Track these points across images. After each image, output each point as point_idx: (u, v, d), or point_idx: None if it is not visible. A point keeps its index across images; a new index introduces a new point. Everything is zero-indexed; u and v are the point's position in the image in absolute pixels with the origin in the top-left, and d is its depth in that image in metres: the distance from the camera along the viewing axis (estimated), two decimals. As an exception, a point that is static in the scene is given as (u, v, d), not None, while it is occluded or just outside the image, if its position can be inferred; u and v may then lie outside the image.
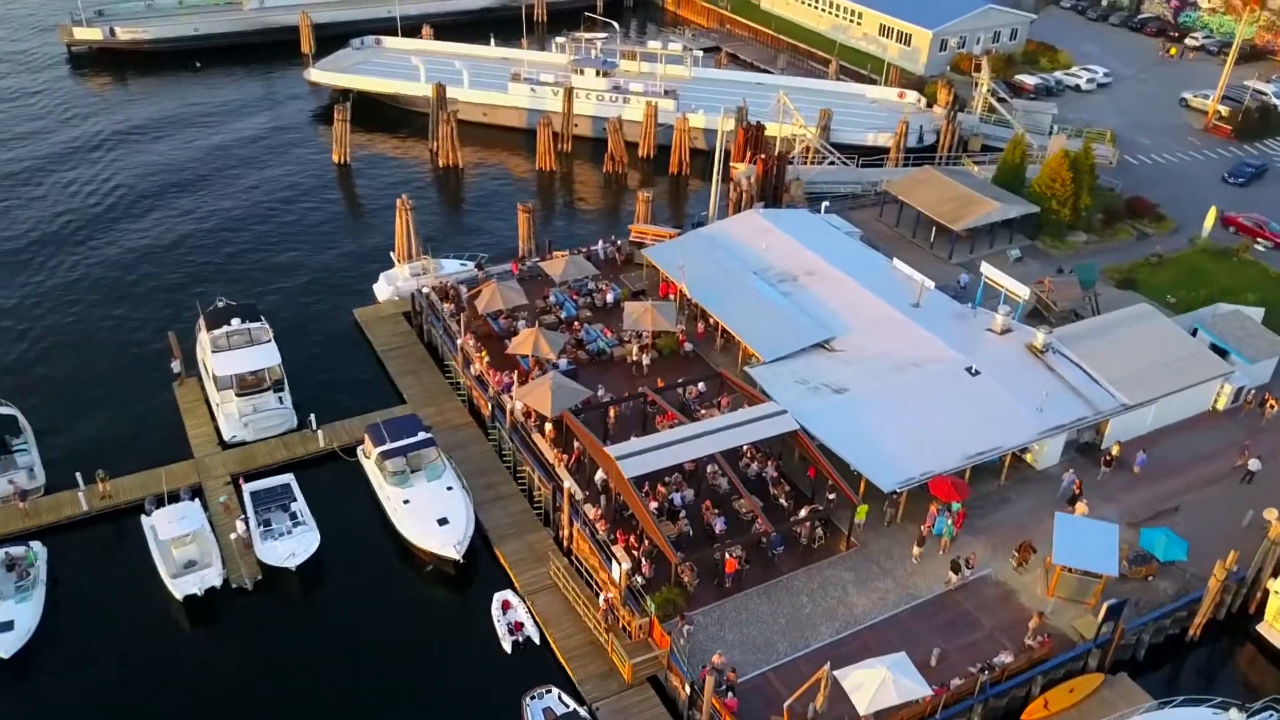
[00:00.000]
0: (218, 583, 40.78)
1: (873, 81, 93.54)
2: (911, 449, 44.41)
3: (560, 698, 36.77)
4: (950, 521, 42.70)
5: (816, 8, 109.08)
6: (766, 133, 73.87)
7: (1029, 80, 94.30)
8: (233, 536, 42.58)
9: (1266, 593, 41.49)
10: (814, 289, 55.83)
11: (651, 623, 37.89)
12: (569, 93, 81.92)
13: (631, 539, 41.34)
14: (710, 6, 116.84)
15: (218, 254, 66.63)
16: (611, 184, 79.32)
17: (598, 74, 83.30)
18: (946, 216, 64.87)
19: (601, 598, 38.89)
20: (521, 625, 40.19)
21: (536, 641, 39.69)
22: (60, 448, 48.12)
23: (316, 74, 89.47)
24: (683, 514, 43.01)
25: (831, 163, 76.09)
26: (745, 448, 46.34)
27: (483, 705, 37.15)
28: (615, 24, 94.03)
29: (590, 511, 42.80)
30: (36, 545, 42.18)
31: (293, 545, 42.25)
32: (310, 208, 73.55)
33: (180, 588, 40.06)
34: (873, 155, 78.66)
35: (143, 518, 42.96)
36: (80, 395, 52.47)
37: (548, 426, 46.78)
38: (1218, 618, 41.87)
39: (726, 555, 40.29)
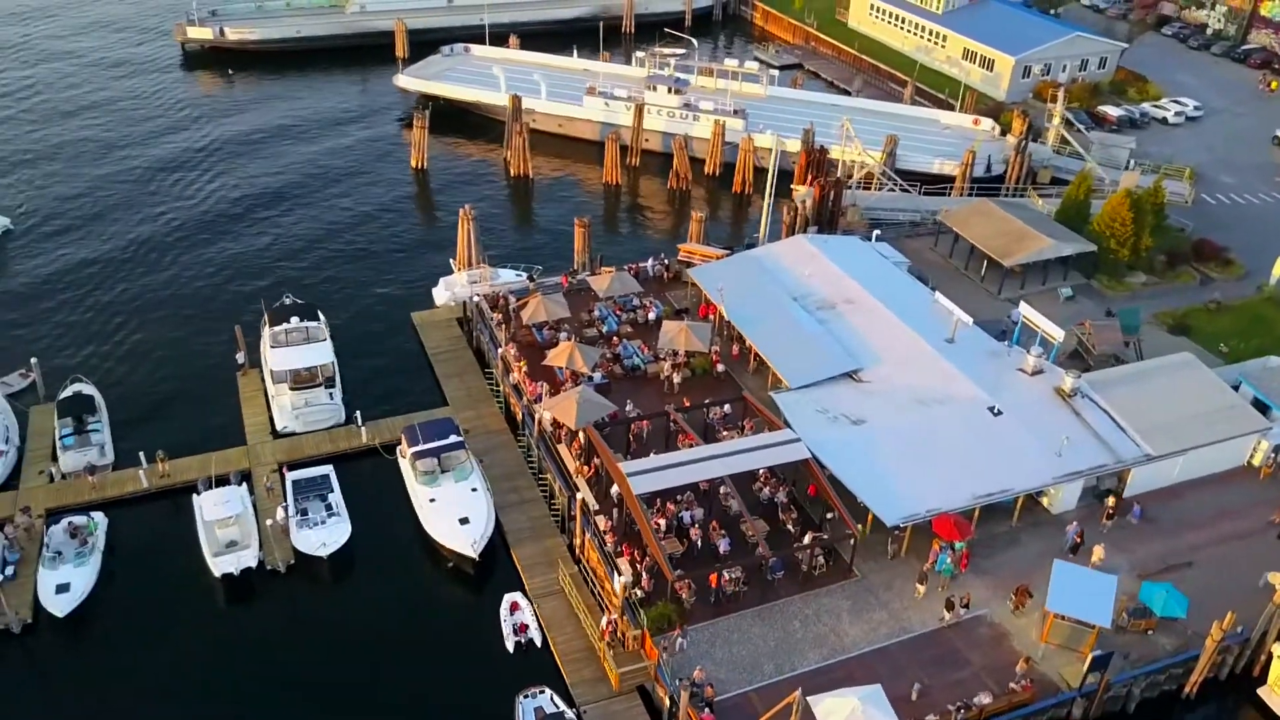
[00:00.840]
0: (253, 564, 44.17)
1: (949, 107, 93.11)
2: (920, 485, 45.18)
3: (552, 699, 38.93)
4: (951, 561, 43.35)
5: (901, 28, 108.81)
6: (831, 156, 74.54)
7: (1112, 111, 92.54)
8: (269, 523, 45.88)
9: (1270, 656, 41.04)
10: (851, 318, 56.72)
11: (643, 635, 39.69)
12: (639, 109, 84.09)
13: (635, 553, 43.18)
14: (796, 24, 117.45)
15: (292, 252, 70.78)
16: (674, 201, 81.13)
17: (669, 91, 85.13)
18: (998, 251, 64.81)
19: (605, 619, 40.55)
20: (526, 627, 42.47)
21: (539, 644, 41.91)
22: (131, 427, 52.48)
23: (404, 80, 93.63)
24: (694, 530, 44.70)
25: (892, 189, 76.42)
26: (761, 471, 47.71)
27: (479, 699, 39.53)
28: (694, 41, 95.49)
29: (601, 522, 44.87)
30: (98, 516, 46.30)
31: (325, 535, 45.42)
32: (385, 210, 77.33)
33: (219, 566, 43.57)
34: (938, 183, 78.60)
35: (194, 497, 46.68)
36: (155, 380, 56.91)
37: (581, 436, 48.85)
38: (1219, 678, 41.64)
39: (721, 573, 41.77)
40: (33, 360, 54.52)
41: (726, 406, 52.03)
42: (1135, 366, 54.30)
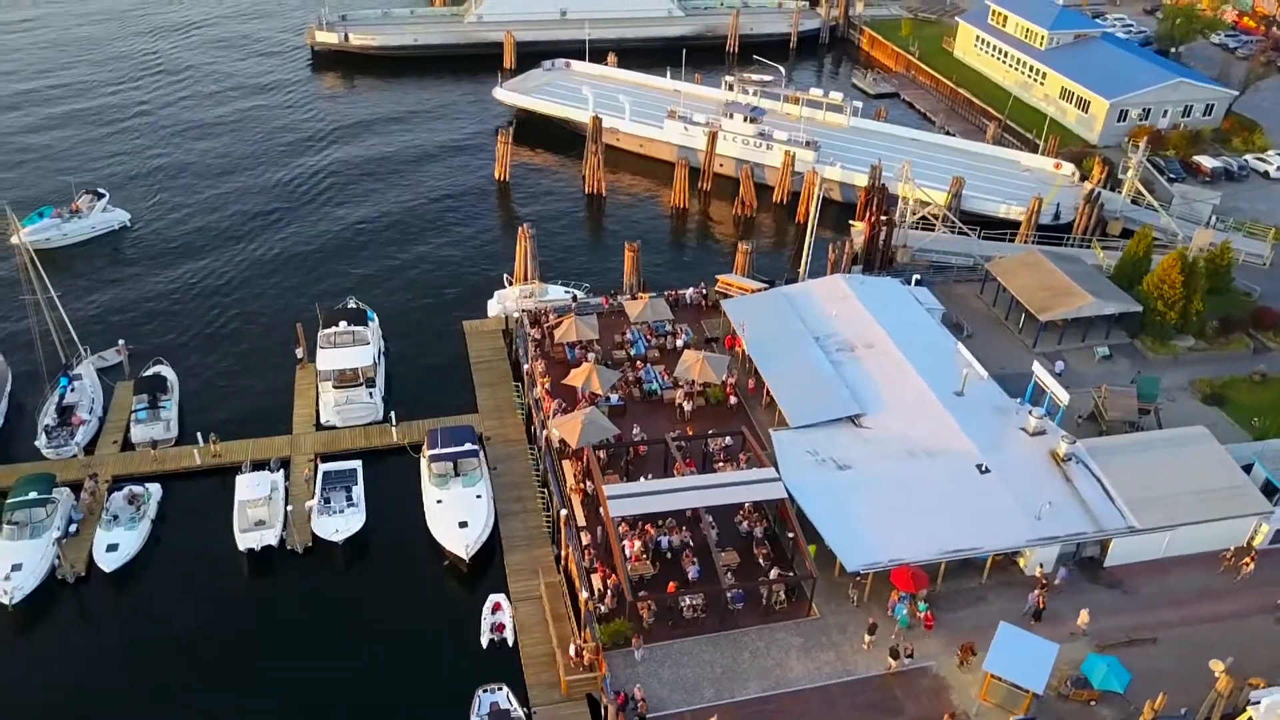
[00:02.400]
0: (274, 543, 49.67)
1: (1034, 148, 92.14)
2: (889, 534, 46.94)
3: (508, 696, 42.77)
4: (907, 611, 45.02)
5: (1004, 62, 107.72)
6: (897, 194, 75.44)
7: (1207, 162, 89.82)
8: (289, 509, 51.17)
9: (1211, 742, 41.32)
10: (866, 363, 58.42)
11: (596, 648, 43.05)
12: (713, 135, 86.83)
13: (607, 570, 46.55)
14: (900, 51, 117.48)
15: (370, 254, 76.80)
16: (738, 227, 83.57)
17: (745, 119, 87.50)
18: (1036, 304, 65.00)
19: (573, 647, 43.73)
20: (503, 627, 46.45)
21: (510, 644, 45.81)
22: (198, 408, 59.14)
23: (501, 93, 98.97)
24: (669, 555, 47.79)
25: (949, 232, 76.84)
26: (747, 505, 50.26)
27: (446, 685, 43.53)
28: (781, 69, 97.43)
29: (585, 538, 48.41)
30: (154, 487, 52.72)
31: (341, 523, 50.55)
32: (462, 219, 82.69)
33: (243, 541, 49.24)
34: (1003, 228, 78.37)
35: (237, 477, 52.48)
36: (227, 366, 63.55)
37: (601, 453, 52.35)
38: (1158, 758, 42.05)
39: (681, 596, 44.69)
40: (120, 341, 61.84)
41: (728, 439, 54.62)
42: (1145, 436, 54.21)
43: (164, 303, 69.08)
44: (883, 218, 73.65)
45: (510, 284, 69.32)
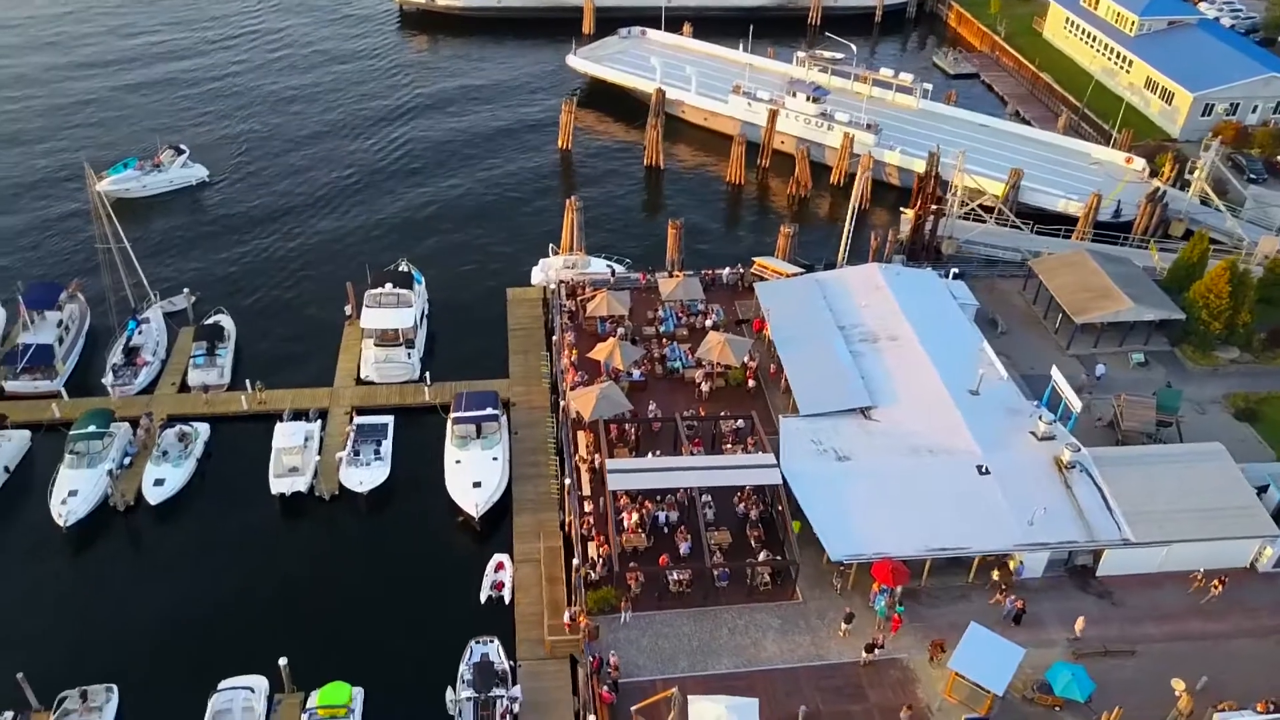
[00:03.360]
0: (304, 489, 53.53)
1: (1106, 140, 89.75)
2: (876, 527, 48.16)
3: (498, 649, 45.81)
4: (886, 604, 46.40)
5: (1092, 47, 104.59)
6: (951, 183, 74.93)
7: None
8: (318, 458, 54.90)
9: (1170, 759, 41.85)
10: (886, 355, 59.10)
11: (581, 612, 45.69)
12: (773, 113, 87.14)
13: (603, 539, 49.04)
14: (986, 30, 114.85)
15: (427, 216, 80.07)
16: (791, 207, 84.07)
17: (808, 99, 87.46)
18: (1073, 305, 64.39)
19: (567, 614, 46.26)
20: (502, 585, 49.47)
21: (507, 602, 48.81)
22: (252, 356, 63.51)
23: (573, 60, 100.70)
24: (665, 530, 50.03)
25: (1001, 224, 76.03)
26: (747, 488, 51.99)
27: (443, 634, 46.63)
28: (853, 47, 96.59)
29: (588, 507, 50.96)
30: (203, 427, 57.19)
31: (366, 474, 54.14)
32: (521, 187, 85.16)
33: (275, 485, 53.26)
34: (1061, 224, 77.03)
35: (276, 425, 56.50)
36: (284, 318, 67.78)
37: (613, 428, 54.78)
38: (1115, 770, 42.80)
39: (670, 570, 46.87)
40: (185, 289, 66.51)
41: (739, 422, 56.24)
42: (1158, 449, 53.89)
43: (231, 256, 73.57)
44: (933, 207, 73.51)
45: (555, 254, 71.61)
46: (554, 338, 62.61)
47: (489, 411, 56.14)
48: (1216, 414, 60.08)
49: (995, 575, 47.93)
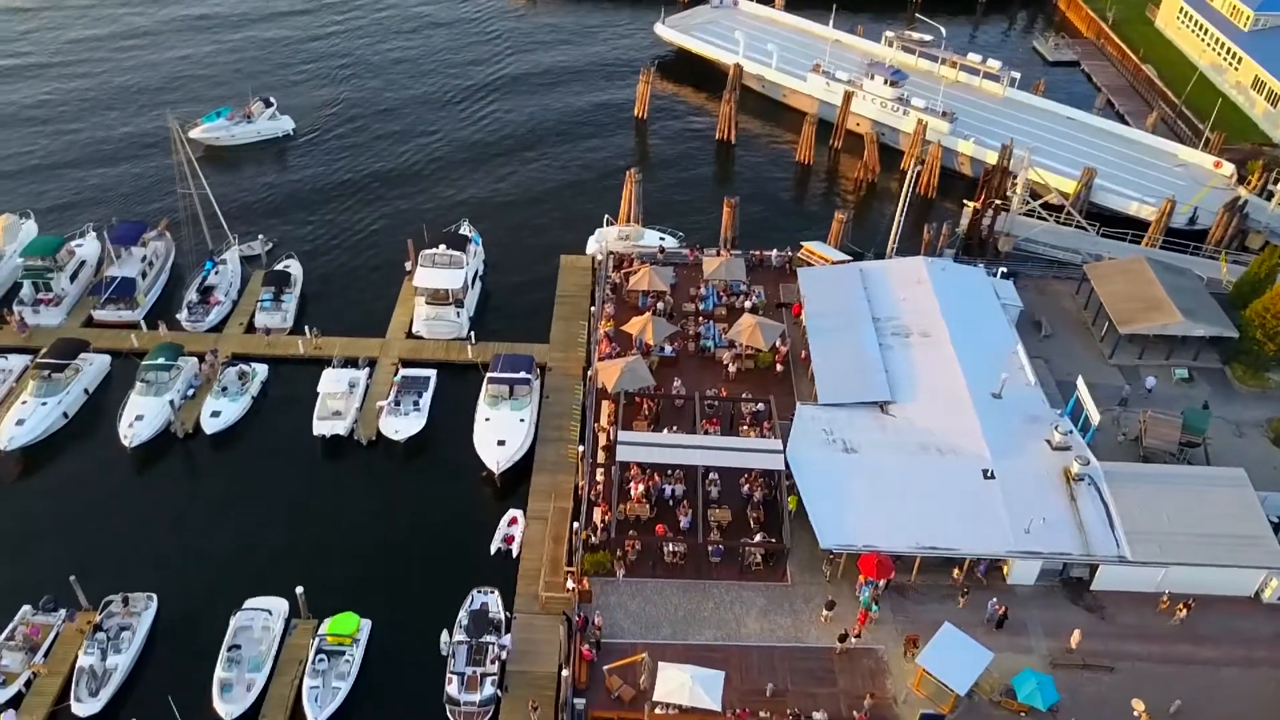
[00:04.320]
0: (343, 433, 57.55)
1: (1199, 140, 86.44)
2: (871, 521, 49.39)
3: (497, 600, 49.00)
4: (869, 596, 47.80)
5: (1203, 40, 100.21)
6: (1017, 179, 73.96)
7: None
8: (359, 406, 58.79)
9: (1127, 777, 42.42)
10: (915, 351, 59.56)
11: (577, 573, 48.48)
12: (848, 95, 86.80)
13: (607, 506, 51.60)
14: (1093, 16, 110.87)
15: (500, 178, 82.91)
16: (857, 191, 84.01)
17: (885, 82, 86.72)
18: (1119, 314, 63.40)
19: (571, 582, 48.88)
20: (512, 539, 52.62)
21: (514, 555, 51.95)
22: (316, 303, 67.83)
23: (661, 28, 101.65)
24: (670, 504, 52.31)
25: (1067, 224, 74.61)
26: (755, 470, 53.68)
27: (448, 579, 49.85)
28: (942, 30, 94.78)
29: (600, 475, 53.54)
30: (261, 368, 61.75)
31: (402, 424, 57.81)
32: (594, 154, 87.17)
33: (317, 427, 57.43)
34: (1131, 228, 75.14)
35: (324, 371, 60.60)
36: (350, 270, 71.90)
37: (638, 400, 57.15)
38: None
39: (666, 541, 49.14)
40: (260, 236, 71.18)
41: (759, 405, 57.78)
42: (1176, 469, 53.29)
43: (308, 207, 77.97)
44: (996, 201, 72.81)
45: (610, 224, 73.69)
46: (592, 308, 64.93)
47: (521, 375, 58.99)
48: (1255, 438, 58.78)
49: (955, 574, 48.71)
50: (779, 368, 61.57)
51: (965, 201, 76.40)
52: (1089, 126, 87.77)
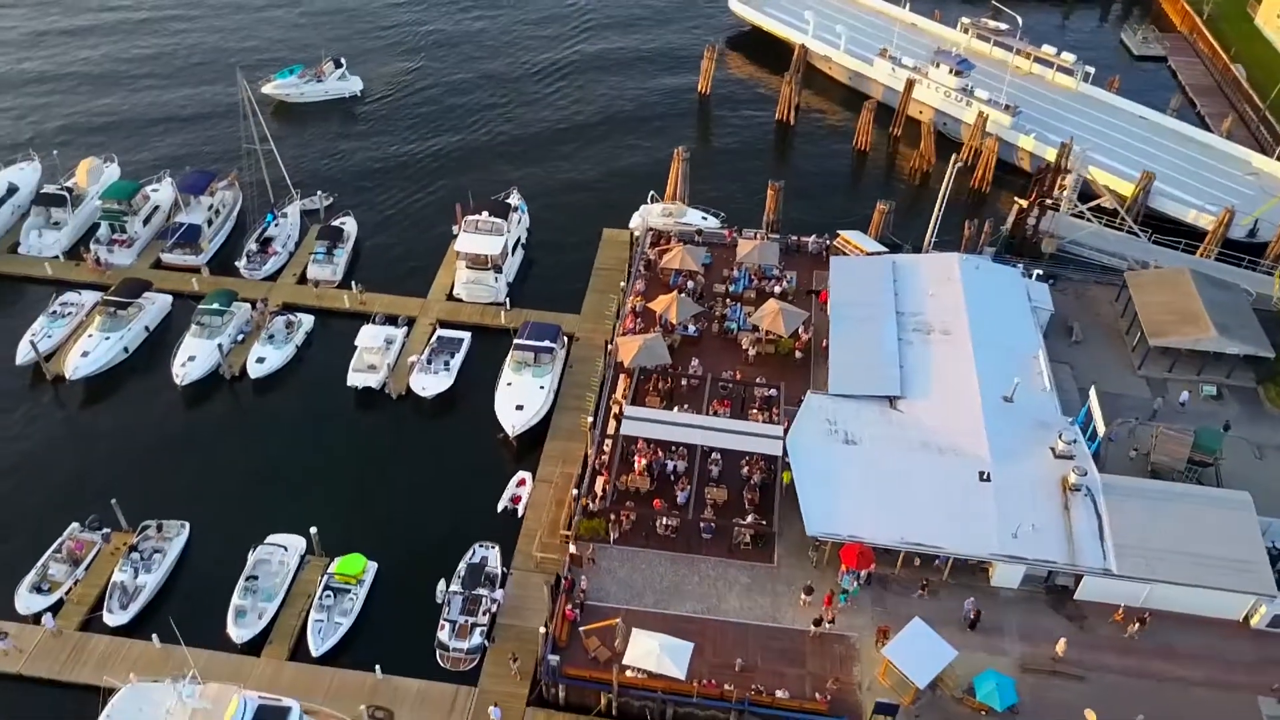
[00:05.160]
0: (375, 386, 61.01)
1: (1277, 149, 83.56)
2: (860, 513, 50.57)
3: (497, 555, 51.92)
4: (850, 586, 49.27)
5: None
6: (1067, 178, 73.04)
7: None
8: (392, 362, 62.08)
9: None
10: (934, 348, 59.99)
11: (571, 536, 51.05)
12: (910, 82, 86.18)
13: (609, 475, 53.90)
14: (1189, 9, 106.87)
15: (555, 148, 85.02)
16: (910, 179, 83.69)
17: (951, 71, 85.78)
18: (1152, 325, 62.68)
19: (573, 546, 51.35)
20: (519, 499, 55.44)
21: (518, 515, 54.78)
22: (366, 258, 71.35)
23: (735, 4, 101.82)
24: (672, 479, 54.39)
25: (1122, 229, 73.25)
26: (756, 453, 55.25)
27: (454, 530, 52.98)
28: (1019, 19, 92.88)
29: (607, 445, 55.85)
30: (308, 318, 65.59)
31: (430, 381, 60.97)
32: (651, 127, 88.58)
33: (352, 379, 61.01)
34: (1186, 236, 73.47)
35: (363, 326, 64.02)
36: (401, 228, 75.20)
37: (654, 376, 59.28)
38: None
39: (661, 516, 51.31)
40: (320, 192, 74.93)
41: (772, 390, 59.16)
42: (1182, 488, 52.85)
43: (368, 166, 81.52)
44: (1045, 200, 72.12)
45: (654, 201, 75.27)
46: (622, 284, 66.90)
47: (546, 344, 61.46)
48: (1275, 461, 57.84)
49: (916, 563, 50.01)
50: (798, 354, 62.67)
51: (1016, 199, 75.68)
52: (1160, 127, 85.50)
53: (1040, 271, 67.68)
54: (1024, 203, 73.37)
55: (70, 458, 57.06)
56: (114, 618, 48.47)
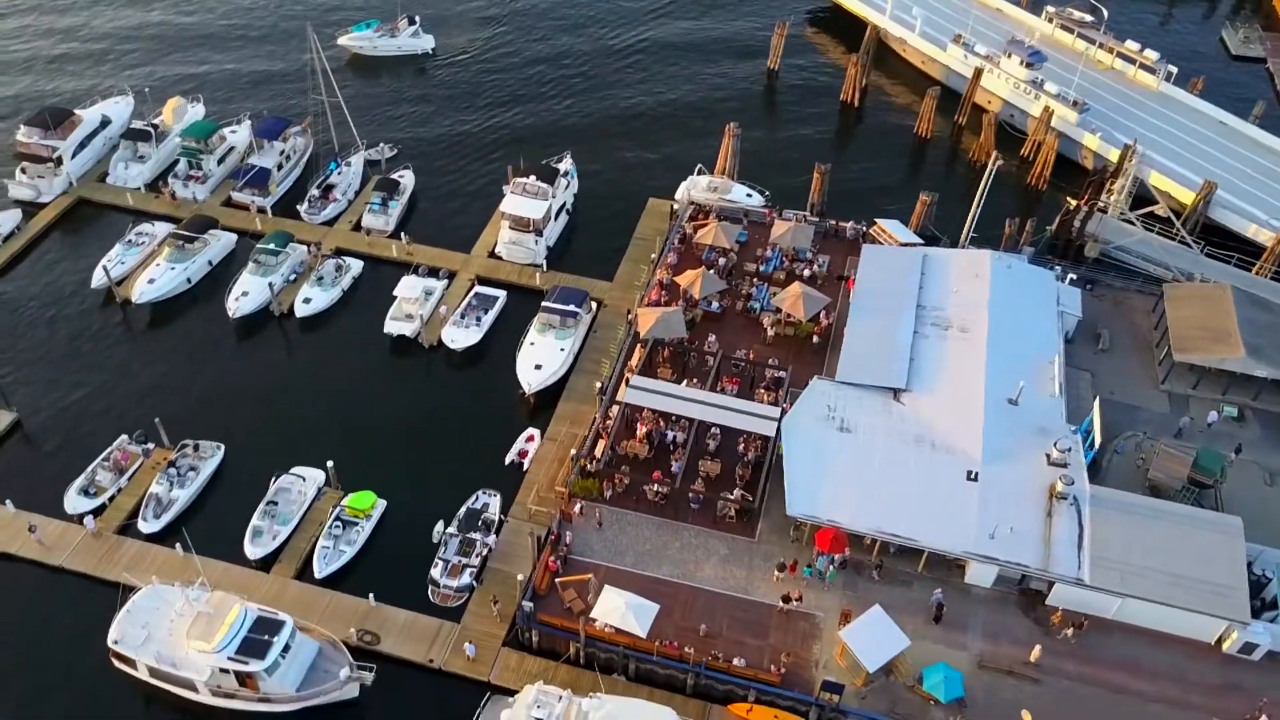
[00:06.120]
0: (409, 334, 64.73)
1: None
2: (842, 499, 52.13)
3: (496, 503, 55.29)
4: (824, 567, 51.09)
5: None
6: (1116, 180, 71.89)
7: None
8: (423, 314, 65.61)
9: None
10: (948, 344, 60.54)
11: (566, 495, 54.02)
12: (978, 71, 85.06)
13: (609, 439, 56.54)
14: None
15: (618, 114, 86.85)
16: (963, 169, 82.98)
17: (1022, 63, 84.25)
18: (1180, 341, 61.84)
19: (579, 505, 54.22)
20: (525, 454, 58.56)
21: (523, 469, 57.94)
22: (419, 212, 74.99)
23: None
24: (671, 448, 56.79)
25: (1175, 238, 71.71)
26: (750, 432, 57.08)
27: (463, 476, 56.43)
28: (1104, 12, 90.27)
29: (614, 410, 58.46)
30: (357, 264, 69.62)
31: (459, 335, 64.40)
32: (717, 99, 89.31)
33: (388, 325, 64.87)
34: (1243, 250, 71.53)
35: (404, 276, 67.59)
36: (457, 185, 78.45)
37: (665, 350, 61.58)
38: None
39: (653, 485, 53.84)
40: (383, 144, 78.71)
41: (781, 372, 60.73)
42: (1173, 507, 52.60)
43: (434, 122, 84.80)
44: (1096, 202, 71.23)
45: (702, 174, 76.70)
46: (653, 255, 68.93)
47: (571, 308, 64.10)
48: (1283, 488, 57.03)
49: (892, 551, 51.35)
50: (815, 339, 63.90)
51: (1068, 199, 74.66)
52: (1238, 134, 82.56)
53: (1075, 275, 67.08)
54: (1075, 203, 72.43)
55: (128, 376, 62.52)
56: (147, 525, 53.59)
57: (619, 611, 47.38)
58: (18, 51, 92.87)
